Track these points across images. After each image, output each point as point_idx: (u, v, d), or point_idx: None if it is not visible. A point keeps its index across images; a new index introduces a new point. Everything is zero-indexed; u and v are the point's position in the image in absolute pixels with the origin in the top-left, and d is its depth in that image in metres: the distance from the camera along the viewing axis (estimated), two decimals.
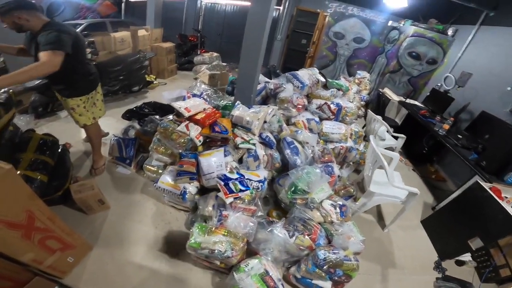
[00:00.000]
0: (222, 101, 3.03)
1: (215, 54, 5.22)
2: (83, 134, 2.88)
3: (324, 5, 5.89)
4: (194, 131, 2.12)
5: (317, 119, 2.89)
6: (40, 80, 2.82)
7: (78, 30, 5.98)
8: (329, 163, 2.53)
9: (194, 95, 2.97)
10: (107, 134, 2.91)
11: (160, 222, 2.08)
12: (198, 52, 5.92)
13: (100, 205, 2.04)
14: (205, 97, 2.98)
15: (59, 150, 2.23)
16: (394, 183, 2.09)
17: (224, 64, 5.27)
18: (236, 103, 2.51)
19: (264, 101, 3.19)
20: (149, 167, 2.32)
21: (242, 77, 2.61)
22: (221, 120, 2.30)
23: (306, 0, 6.06)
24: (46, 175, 1.92)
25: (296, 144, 2.53)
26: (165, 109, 2.67)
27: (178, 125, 2.15)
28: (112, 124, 3.16)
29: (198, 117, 2.17)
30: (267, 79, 3.27)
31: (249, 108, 2.49)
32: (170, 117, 2.25)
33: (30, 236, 1.28)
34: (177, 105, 2.18)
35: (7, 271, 1.25)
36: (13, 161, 1.80)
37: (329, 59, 6.01)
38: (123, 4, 9.05)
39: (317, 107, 3.04)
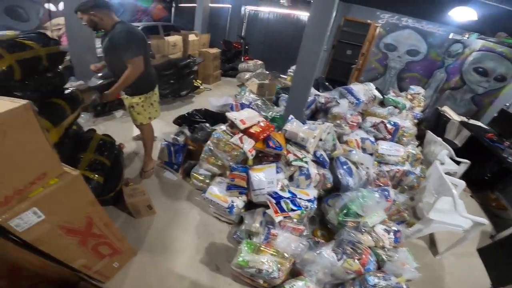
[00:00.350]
0: (271, 112, 2.95)
1: (259, 62, 5.21)
2: (135, 133, 2.97)
3: (375, 16, 5.60)
4: (248, 145, 2.05)
5: (372, 138, 2.69)
6: (102, 81, 2.96)
7: None
8: (385, 187, 2.33)
9: (242, 105, 2.93)
10: (155, 138, 2.96)
11: (203, 233, 2.04)
12: (242, 59, 5.95)
13: (148, 210, 2.05)
14: (254, 107, 2.93)
15: (115, 152, 2.30)
16: (460, 212, 1.92)
17: (267, 72, 5.23)
18: (289, 118, 2.40)
19: (313, 115, 3.05)
20: (197, 175, 2.30)
21: (296, 89, 2.50)
22: (275, 135, 2.21)
23: (354, 10, 5.83)
24: (103, 176, 1.97)
25: (350, 164, 2.36)
26: (216, 117, 2.66)
27: (232, 136, 2.10)
28: (162, 127, 3.23)
29: (253, 130, 2.10)
30: (317, 92, 3.13)
31: (303, 123, 2.37)
32: (223, 127, 2.21)
33: (86, 243, 1.29)
34: (232, 116, 2.14)
35: (57, 275, 1.26)
36: (73, 160, 1.90)
37: (378, 71, 5.67)
38: (173, 9, 9.60)
39: (372, 125, 2.84)
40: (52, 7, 6.47)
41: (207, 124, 2.53)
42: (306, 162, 2.15)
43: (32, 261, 1.13)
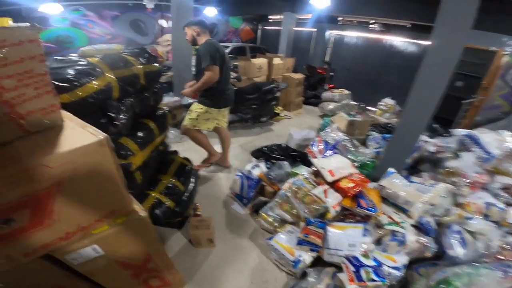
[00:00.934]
0: (360, 157, 2.51)
1: (345, 91, 4.77)
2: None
3: (500, 42, 4.51)
4: (333, 200, 1.71)
5: (501, 204, 1.97)
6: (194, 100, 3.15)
7: (226, 51, 6.92)
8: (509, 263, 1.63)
9: (326, 144, 2.58)
10: (230, 165, 2.89)
11: (258, 278, 1.80)
12: (326, 87, 5.62)
13: (208, 243, 1.97)
14: (340, 147, 2.55)
15: (191, 177, 2.27)
16: None
17: (353, 103, 4.75)
18: (389, 171, 1.94)
19: (415, 164, 2.47)
20: (266, 216, 2.08)
21: (401, 134, 2.04)
22: (368, 191, 1.79)
23: (472, 36, 4.81)
24: (174, 201, 1.92)
25: (465, 234, 1.76)
26: (297, 156, 2.39)
27: (315, 186, 1.79)
28: (238, 154, 3.19)
29: (343, 184, 1.74)
30: (423, 137, 2.53)
31: (409, 181, 1.88)
32: (306, 174, 1.91)
33: (139, 276, 1.24)
34: (320, 164, 1.83)
35: None
36: (153, 181, 1.89)
37: (503, 110, 4.46)
38: (259, 31, 10.16)
39: (503, 187, 2.10)
40: (164, 23, 7.59)
41: (286, 163, 2.29)
42: (403, 227, 1.67)
43: (79, 286, 1.10)
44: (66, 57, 1.39)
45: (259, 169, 2.47)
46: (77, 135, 0.83)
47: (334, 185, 1.76)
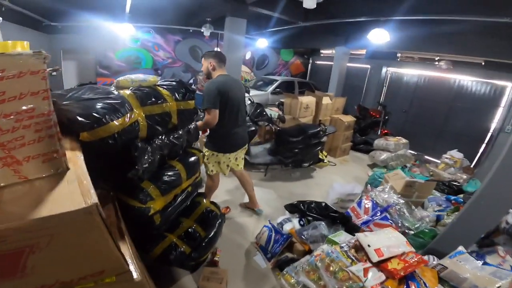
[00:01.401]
0: (417, 224, 2.06)
1: (403, 140, 4.13)
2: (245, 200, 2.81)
3: None
4: (374, 280, 1.36)
5: None
6: None
7: (273, 86, 6.78)
8: None
9: (376, 205, 2.18)
10: (261, 211, 2.68)
11: None
12: (379, 132, 5.12)
13: None
14: (392, 212, 2.13)
15: (217, 224, 2.09)
16: None
17: (411, 153, 4.17)
18: (458, 251, 1.49)
19: (487, 236, 1.93)
20: (289, 276, 1.79)
21: (481, 205, 1.58)
22: (422, 271, 1.38)
23: None
24: (191, 246, 1.76)
25: None
26: (337, 218, 2.05)
27: (352, 260, 1.44)
28: (271, 200, 2.97)
29: (391, 266, 1.38)
30: None
31: (481, 263, 1.42)
32: (345, 246, 1.57)
33: None
34: (365, 241, 1.49)
35: None
36: (174, 223, 1.78)
37: None
38: (309, 65, 10.05)
39: None
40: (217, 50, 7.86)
41: (323, 224, 1.96)
42: None
43: None
44: (101, 88, 1.36)
45: (291, 224, 2.19)
46: (67, 193, 0.70)
47: (380, 265, 1.39)
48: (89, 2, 4.75)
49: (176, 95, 1.53)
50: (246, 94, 3.45)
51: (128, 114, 1.23)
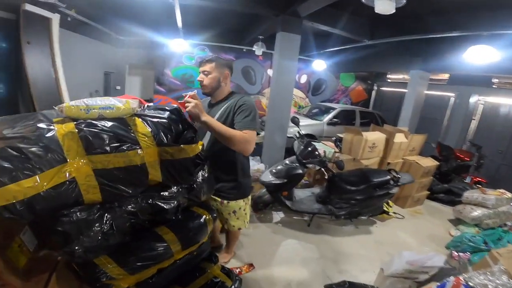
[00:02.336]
0: None
1: (508, 195, 3.00)
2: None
3: None
4: None
5: None
6: (274, 179, 2.49)
7: (330, 115, 5.86)
8: None
9: None
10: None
11: None
12: (468, 180, 3.89)
13: None
14: None
15: None
16: None
17: None
18: None
19: None
20: None
21: None
22: None
23: None
24: None
25: None
26: None
27: None
28: (309, 261, 2.23)
29: None
30: None
31: None
32: None
33: None
34: None
35: None
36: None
37: None
38: (373, 92, 8.83)
39: None
40: (271, 73, 7.47)
41: None
42: None
43: None
44: (34, 119, 0.91)
45: None
46: None
47: None
48: (144, 15, 4.75)
49: (162, 135, 0.98)
50: (293, 125, 2.82)
51: (51, 171, 0.79)
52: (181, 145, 1.00)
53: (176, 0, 3.04)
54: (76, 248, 0.85)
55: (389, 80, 8.10)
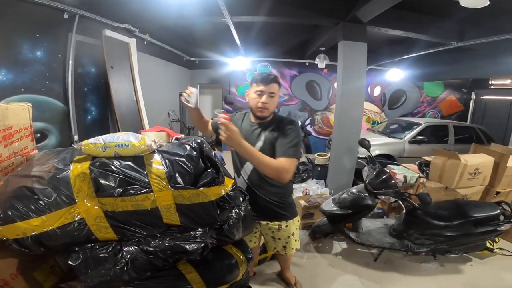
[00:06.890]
0: None
1: None
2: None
3: None
4: None
5: None
6: (337, 208, 2.16)
7: (413, 132, 4.87)
8: None
9: None
10: None
11: None
12: None
13: None
14: None
15: None
16: None
17: None
18: None
19: None
20: None
21: None
22: None
23: None
24: None
25: None
26: None
27: None
28: None
29: None
30: None
31: None
32: None
33: None
34: None
35: None
36: None
37: None
38: (472, 101, 7.18)
39: None
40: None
41: None
42: None
43: None
44: (58, 159, 0.91)
45: None
46: None
47: None
48: (206, 37, 5.00)
49: (177, 176, 0.88)
50: (362, 149, 2.37)
51: (58, 212, 0.81)
52: (200, 188, 0.88)
53: (229, 19, 3.04)
54: (89, 280, 0.85)
55: (492, 87, 6.51)
